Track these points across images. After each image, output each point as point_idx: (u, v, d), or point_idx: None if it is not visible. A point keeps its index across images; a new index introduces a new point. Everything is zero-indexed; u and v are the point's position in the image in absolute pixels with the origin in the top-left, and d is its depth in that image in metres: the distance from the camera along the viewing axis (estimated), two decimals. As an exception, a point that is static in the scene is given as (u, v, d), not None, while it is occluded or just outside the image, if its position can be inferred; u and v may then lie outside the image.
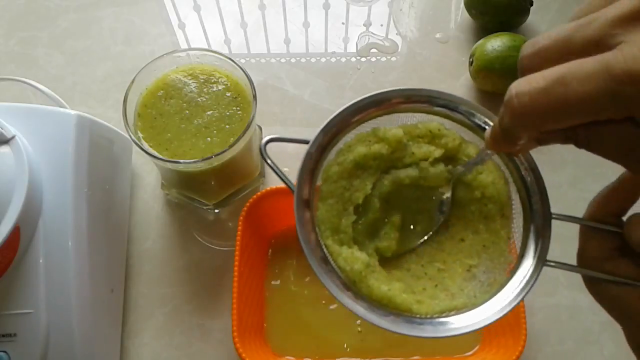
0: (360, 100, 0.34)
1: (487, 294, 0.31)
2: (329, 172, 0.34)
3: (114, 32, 0.66)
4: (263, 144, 0.34)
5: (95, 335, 0.44)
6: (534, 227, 0.32)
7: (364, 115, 0.34)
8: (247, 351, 0.44)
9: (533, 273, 0.30)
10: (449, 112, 0.34)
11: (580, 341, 0.50)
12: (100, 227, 0.47)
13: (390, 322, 0.30)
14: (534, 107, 0.22)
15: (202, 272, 0.53)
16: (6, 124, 0.41)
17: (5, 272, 0.40)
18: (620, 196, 0.28)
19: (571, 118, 0.22)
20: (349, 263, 0.32)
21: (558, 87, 0.21)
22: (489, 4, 0.62)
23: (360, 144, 0.34)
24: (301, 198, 0.33)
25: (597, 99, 0.20)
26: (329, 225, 0.34)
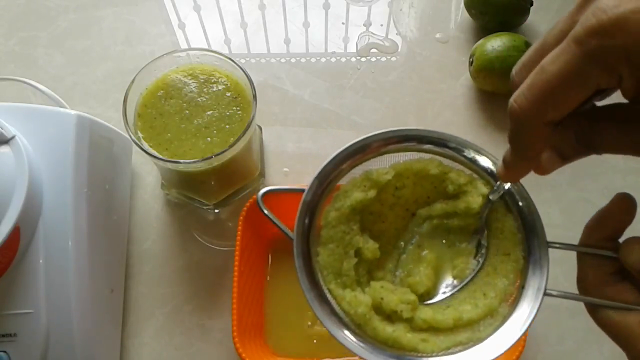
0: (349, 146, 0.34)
1: (490, 327, 0.32)
2: (327, 218, 0.35)
3: (114, 32, 0.66)
4: (260, 195, 0.35)
5: (95, 335, 0.44)
6: (532, 257, 0.32)
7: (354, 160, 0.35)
8: (247, 351, 0.44)
9: (534, 304, 0.30)
10: (438, 148, 0.35)
11: (580, 341, 0.50)
12: (100, 227, 0.47)
13: None
14: (530, 102, 0.24)
15: (202, 272, 0.53)
16: (6, 124, 0.41)
17: (5, 272, 0.40)
18: (613, 220, 0.28)
19: (563, 96, 0.23)
20: (353, 306, 0.33)
21: (539, 75, 0.23)
22: (489, 4, 0.62)
23: (355, 189, 0.35)
24: (300, 246, 0.33)
25: (572, 67, 0.22)
26: (331, 270, 0.34)
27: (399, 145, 0.35)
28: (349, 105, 0.62)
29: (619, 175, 0.57)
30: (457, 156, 0.35)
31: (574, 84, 0.23)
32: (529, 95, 0.24)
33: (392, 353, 0.31)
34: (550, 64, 0.23)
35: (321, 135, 0.60)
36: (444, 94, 0.62)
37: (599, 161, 0.59)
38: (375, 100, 0.62)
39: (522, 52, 0.57)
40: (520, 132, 0.25)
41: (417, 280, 0.34)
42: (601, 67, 0.22)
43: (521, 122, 0.25)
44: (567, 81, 0.23)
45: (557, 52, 0.23)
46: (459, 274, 0.35)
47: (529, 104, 0.24)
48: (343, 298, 0.33)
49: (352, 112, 0.61)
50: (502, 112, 0.61)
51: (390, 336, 0.32)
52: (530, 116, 0.24)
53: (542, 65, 0.23)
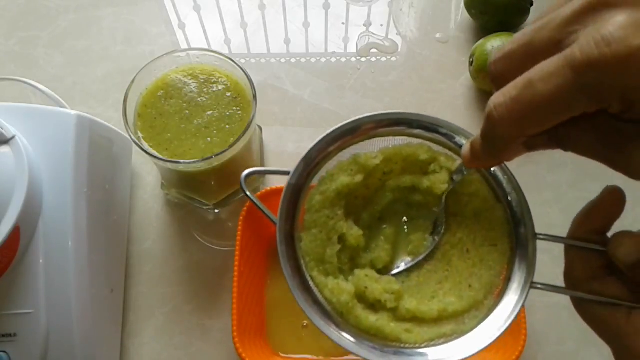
0: (338, 127, 0.33)
1: (475, 319, 0.31)
2: (311, 202, 0.33)
3: (114, 32, 0.66)
4: (243, 177, 0.33)
5: (95, 335, 0.44)
6: (519, 249, 0.31)
7: (343, 142, 0.34)
8: (247, 351, 0.44)
9: (520, 296, 0.30)
10: (429, 134, 0.34)
11: (580, 341, 0.50)
12: (100, 227, 0.47)
13: (379, 356, 0.30)
14: (511, 115, 0.23)
15: (202, 272, 0.53)
16: (6, 124, 0.41)
17: (5, 272, 0.40)
18: (602, 213, 0.28)
19: (547, 118, 0.22)
20: (336, 295, 0.32)
21: (527, 91, 0.22)
22: (489, 4, 0.62)
23: (342, 173, 0.34)
24: (284, 231, 0.32)
25: (563, 94, 0.21)
26: (314, 256, 0.33)
27: (388, 129, 0.34)
28: (349, 105, 0.62)
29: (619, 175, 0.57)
30: (448, 142, 0.34)
31: (562, 108, 0.22)
32: (512, 108, 0.23)
33: (375, 343, 0.30)
34: (540, 82, 0.22)
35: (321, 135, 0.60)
36: (444, 94, 0.62)
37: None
38: (375, 100, 0.62)
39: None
40: (494, 137, 0.25)
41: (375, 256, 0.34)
42: (594, 99, 0.21)
43: (498, 132, 0.24)
44: (555, 105, 0.22)
45: (549, 71, 0.22)
46: (413, 250, 0.34)
47: (510, 117, 0.23)
48: (325, 286, 0.32)
49: (352, 112, 0.61)
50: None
51: (373, 325, 0.31)
52: (509, 129, 0.23)
53: (530, 79, 0.22)
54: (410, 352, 0.30)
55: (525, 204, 0.31)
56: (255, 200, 0.33)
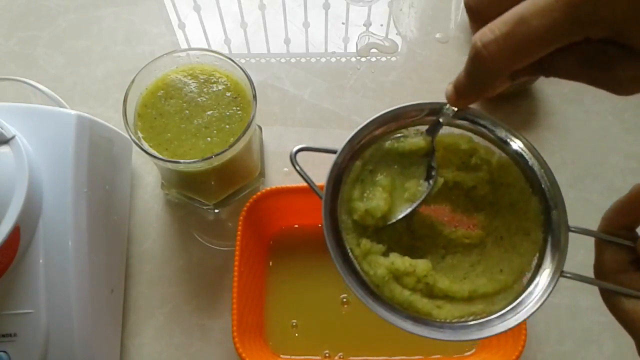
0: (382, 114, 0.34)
1: (504, 301, 0.32)
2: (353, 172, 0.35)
3: (114, 32, 0.66)
4: (293, 152, 0.35)
5: (95, 335, 0.44)
6: (551, 239, 0.32)
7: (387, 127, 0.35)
8: (247, 351, 0.44)
9: (549, 284, 0.31)
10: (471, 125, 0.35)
11: (580, 341, 0.50)
12: (100, 227, 0.47)
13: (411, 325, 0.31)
14: (502, 52, 0.23)
15: (202, 272, 0.54)
16: (6, 124, 0.41)
17: (5, 272, 0.40)
18: (631, 209, 0.29)
19: (538, 51, 0.23)
20: (373, 267, 0.33)
21: (520, 27, 0.22)
22: (489, 4, 0.62)
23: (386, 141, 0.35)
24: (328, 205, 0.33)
25: (557, 27, 0.22)
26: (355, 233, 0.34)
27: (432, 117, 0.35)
28: (349, 105, 0.62)
29: (619, 175, 0.57)
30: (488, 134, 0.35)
31: (555, 41, 0.23)
32: (503, 45, 0.23)
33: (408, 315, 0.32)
34: (534, 18, 0.22)
35: (321, 135, 0.60)
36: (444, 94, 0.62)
37: (599, 161, 0.59)
38: (375, 100, 0.62)
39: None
40: (482, 74, 0.25)
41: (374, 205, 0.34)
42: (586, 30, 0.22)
43: (487, 68, 0.24)
44: (548, 38, 0.22)
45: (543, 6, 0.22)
46: (410, 197, 0.35)
47: (501, 53, 0.23)
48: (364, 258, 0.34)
49: (352, 112, 0.61)
50: (502, 112, 0.61)
51: (407, 299, 0.32)
52: (499, 66, 0.24)
53: (523, 15, 0.22)
54: (440, 326, 0.32)
55: (560, 197, 0.32)
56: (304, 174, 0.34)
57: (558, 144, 0.58)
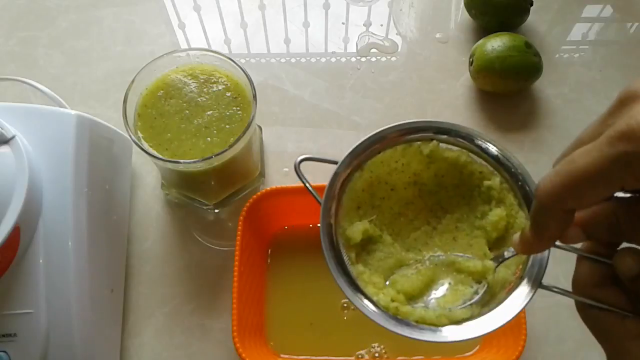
0: (384, 129, 0.36)
1: (485, 308, 0.33)
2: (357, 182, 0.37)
3: (114, 32, 0.66)
4: (297, 162, 0.37)
5: (95, 335, 0.44)
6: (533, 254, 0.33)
7: (387, 142, 0.37)
8: (247, 351, 0.44)
9: (529, 293, 0.32)
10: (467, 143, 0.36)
11: (580, 341, 0.50)
12: (100, 227, 0.47)
13: (394, 326, 0.32)
14: (554, 188, 0.25)
15: (202, 272, 0.53)
16: (6, 124, 0.41)
17: (5, 272, 0.40)
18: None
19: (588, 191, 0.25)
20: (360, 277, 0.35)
21: (567, 165, 0.25)
22: (489, 4, 0.62)
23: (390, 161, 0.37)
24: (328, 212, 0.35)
25: (599, 166, 0.24)
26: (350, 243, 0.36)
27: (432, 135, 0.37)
28: (349, 105, 0.62)
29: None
30: (482, 154, 0.36)
31: (599, 181, 0.24)
32: (554, 181, 0.25)
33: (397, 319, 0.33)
34: (579, 157, 0.24)
35: (321, 135, 0.60)
36: (444, 94, 0.62)
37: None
38: (375, 100, 0.62)
39: (522, 52, 0.57)
40: (541, 211, 0.27)
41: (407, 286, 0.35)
42: (628, 171, 0.23)
43: (543, 204, 0.27)
44: (592, 177, 0.24)
45: (588, 148, 0.24)
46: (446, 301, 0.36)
47: (553, 189, 0.25)
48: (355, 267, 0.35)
49: (352, 112, 0.61)
50: (502, 112, 0.61)
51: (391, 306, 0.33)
52: (552, 200, 0.26)
53: (572, 156, 0.25)
54: (423, 327, 0.33)
55: None
56: (307, 183, 0.36)
57: (558, 144, 0.58)
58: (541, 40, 0.65)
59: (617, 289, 0.29)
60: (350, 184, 0.36)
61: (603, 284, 0.30)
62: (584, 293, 0.30)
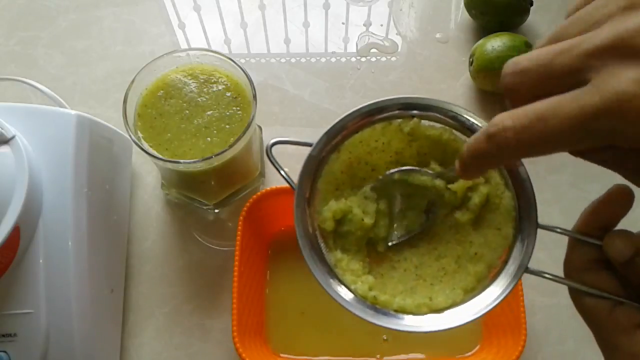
0: (361, 107, 0.35)
1: (469, 294, 0.33)
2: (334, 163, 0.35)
3: (114, 32, 0.66)
4: (269, 145, 0.35)
5: (95, 335, 0.44)
6: (520, 235, 0.32)
7: (365, 122, 0.35)
8: (247, 351, 0.44)
9: (513, 278, 0.31)
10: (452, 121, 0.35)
11: (580, 341, 0.50)
12: (100, 227, 0.47)
13: (372, 316, 0.32)
14: (517, 141, 0.24)
15: (202, 272, 0.54)
16: (6, 124, 0.41)
17: (5, 272, 0.40)
18: (608, 210, 0.29)
19: (551, 149, 0.24)
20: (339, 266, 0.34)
21: (538, 123, 0.23)
22: (489, 4, 0.62)
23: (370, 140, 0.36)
24: (301, 196, 0.34)
25: (573, 133, 0.23)
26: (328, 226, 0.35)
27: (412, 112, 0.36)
28: (349, 105, 0.62)
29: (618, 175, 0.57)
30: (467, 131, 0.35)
31: (569, 145, 0.24)
32: (520, 136, 0.24)
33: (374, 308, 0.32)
34: (553, 119, 0.23)
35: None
36: (444, 94, 0.62)
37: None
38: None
39: (522, 52, 0.57)
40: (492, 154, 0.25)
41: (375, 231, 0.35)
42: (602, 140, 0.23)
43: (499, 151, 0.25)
44: (563, 141, 0.23)
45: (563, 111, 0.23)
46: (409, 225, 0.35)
47: (516, 144, 0.24)
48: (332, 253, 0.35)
49: (352, 112, 0.61)
50: (500, 109, 0.60)
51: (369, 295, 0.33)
52: (512, 152, 0.25)
53: (543, 114, 0.23)
54: (402, 317, 0.32)
55: (532, 194, 0.33)
56: (280, 168, 0.35)
57: (558, 144, 0.58)
58: (541, 40, 0.65)
59: (609, 274, 0.28)
60: (327, 167, 0.35)
61: (595, 268, 0.29)
62: (574, 277, 0.29)
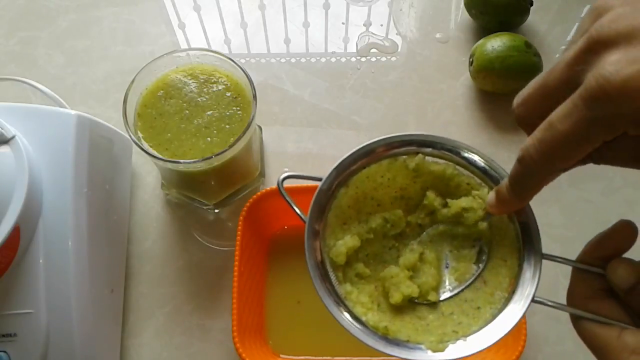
0: (369, 143, 0.36)
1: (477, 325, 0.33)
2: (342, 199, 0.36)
3: (114, 32, 0.66)
4: (280, 180, 0.37)
5: (95, 335, 0.44)
6: (526, 266, 0.33)
7: (372, 157, 0.36)
8: (247, 351, 0.44)
9: (521, 308, 0.32)
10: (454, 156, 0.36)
11: (580, 341, 0.50)
12: (100, 227, 0.47)
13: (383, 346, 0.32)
14: (539, 154, 0.26)
15: (202, 272, 0.53)
16: (6, 124, 0.41)
17: (5, 272, 0.40)
18: (613, 244, 0.30)
19: (571, 152, 0.25)
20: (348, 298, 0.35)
21: (548, 131, 0.25)
22: (489, 4, 0.62)
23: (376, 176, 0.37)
24: (311, 229, 0.35)
25: (579, 129, 0.24)
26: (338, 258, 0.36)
27: (416, 148, 0.36)
28: (349, 105, 0.62)
29: (619, 175, 0.57)
30: (469, 166, 0.36)
31: (582, 142, 0.24)
32: (539, 148, 0.26)
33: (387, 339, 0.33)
34: (558, 123, 0.24)
35: (321, 135, 0.60)
36: (444, 94, 0.62)
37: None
38: (375, 100, 0.62)
39: (522, 52, 0.57)
40: (527, 176, 0.28)
41: (423, 280, 0.35)
42: (607, 129, 0.23)
43: (531, 170, 0.27)
44: (574, 140, 0.24)
45: (564, 112, 0.24)
46: (459, 277, 0.36)
47: (539, 157, 0.26)
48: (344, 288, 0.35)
49: (352, 112, 0.61)
50: (502, 112, 0.61)
51: (380, 326, 0.33)
52: (541, 166, 0.26)
53: (550, 121, 0.25)
54: (413, 346, 0.33)
55: (535, 225, 0.34)
56: (291, 203, 0.36)
57: (558, 144, 0.58)
58: (541, 40, 0.65)
59: (613, 302, 0.29)
60: (336, 201, 0.36)
61: (598, 296, 0.29)
62: (578, 305, 0.30)
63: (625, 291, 0.28)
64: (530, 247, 0.33)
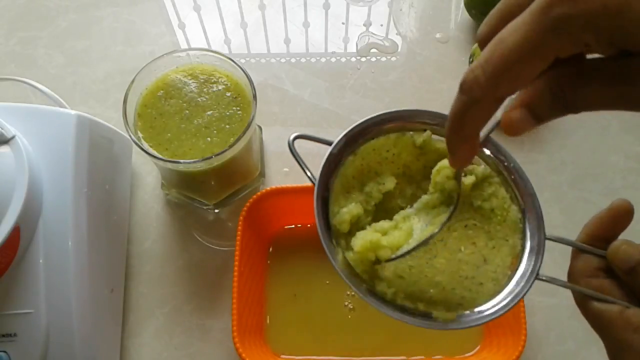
0: (382, 113, 0.36)
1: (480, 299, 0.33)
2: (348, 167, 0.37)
3: (114, 32, 0.66)
4: (290, 140, 0.37)
5: (95, 335, 0.44)
6: (529, 246, 0.34)
7: (382, 128, 0.37)
8: (247, 351, 0.44)
9: (524, 286, 0.32)
10: None
11: (580, 341, 0.50)
12: (100, 227, 0.47)
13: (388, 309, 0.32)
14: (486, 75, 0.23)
15: (202, 272, 0.53)
16: (6, 124, 0.41)
17: (5, 272, 0.40)
18: (610, 224, 0.30)
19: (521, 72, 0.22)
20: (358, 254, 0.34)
21: (497, 47, 0.22)
22: (489, 4, 0.62)
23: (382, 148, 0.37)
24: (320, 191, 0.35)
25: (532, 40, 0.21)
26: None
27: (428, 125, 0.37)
28: (349, 105, 0.62)
29: (619, 175, 0.57)
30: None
31: (534, 56, 0.22)
32: (485, 68, 0.23)
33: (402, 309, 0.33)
34: (508, 35, 0.22)
35: (321, 135, 0.60)
36: (444, 94, 0.62)
37: (599, 161, 0.59)
38: (375, 100, 0.62)
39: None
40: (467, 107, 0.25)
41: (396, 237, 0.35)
42: (564, 37, 0.21)
43: (473, 96, 0.24)
44: (525, 54, 0.22)
45: (517, 23, 0.22)
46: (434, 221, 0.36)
47: (486, 78, 0.23)
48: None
49: (352, 112, 0.61)
50: (500, 111, 0.60)
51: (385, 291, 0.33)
52: (485, 91, 0.23)
53: (500, 36, 0.22)
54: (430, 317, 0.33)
55: (539, 207, 0.34)
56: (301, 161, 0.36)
57: (558, 144, 0.58)
58: (541, 40, 0.65)
59: (613, 282, 0.29)
60: (342, 169, 0.36)
61: (598, 275, 0.29)
62: (581, 284, 0.30)
63: (626, 272, 0.28)
64: (535, 229, 0.34)
